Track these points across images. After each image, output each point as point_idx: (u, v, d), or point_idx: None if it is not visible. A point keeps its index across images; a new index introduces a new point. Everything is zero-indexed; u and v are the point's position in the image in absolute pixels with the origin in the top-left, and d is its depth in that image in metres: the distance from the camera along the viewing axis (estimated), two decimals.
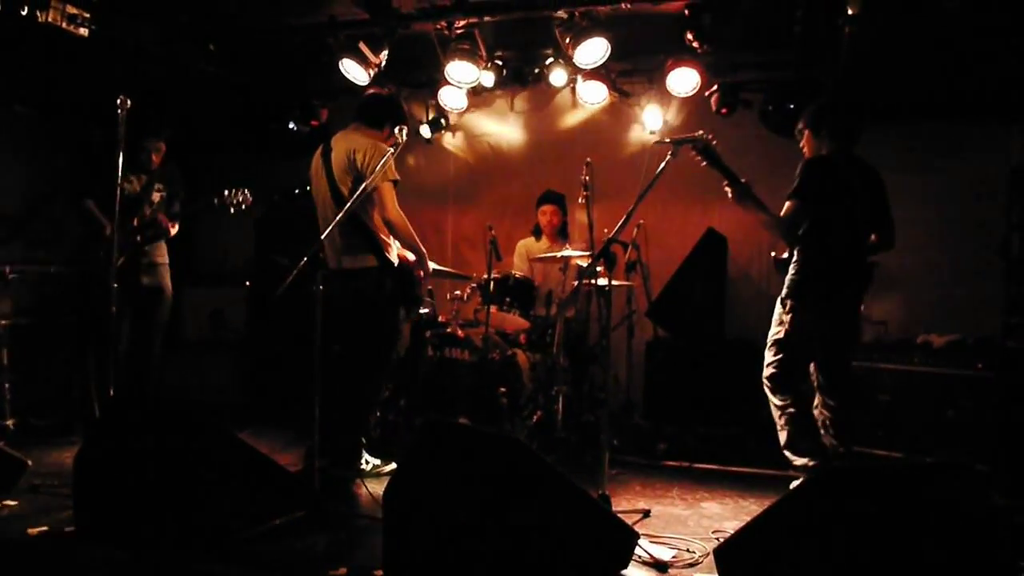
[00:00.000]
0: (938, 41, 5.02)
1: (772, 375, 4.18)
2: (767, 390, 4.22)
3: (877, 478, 2.55)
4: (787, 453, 4.17)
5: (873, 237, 4.22)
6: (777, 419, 4.20)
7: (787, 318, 4.12)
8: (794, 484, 4.00)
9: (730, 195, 4.15)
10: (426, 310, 5.49)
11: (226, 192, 5.15)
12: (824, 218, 4.05)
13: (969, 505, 2.39)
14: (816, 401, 4.22)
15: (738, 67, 5.98)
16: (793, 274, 4.14)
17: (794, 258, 4.17)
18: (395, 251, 4.45)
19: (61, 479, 3.99)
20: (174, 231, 5.36)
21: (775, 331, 4.20)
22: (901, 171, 5.56)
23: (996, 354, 4.65)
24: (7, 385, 5.49)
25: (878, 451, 4.78)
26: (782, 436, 4.17)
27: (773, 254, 4.48)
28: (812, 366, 4.21)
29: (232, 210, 5.15)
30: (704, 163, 4.09)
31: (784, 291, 4.18)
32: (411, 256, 4.53)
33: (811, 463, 4.05)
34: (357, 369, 4.42)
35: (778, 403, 4.17)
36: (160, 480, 3.21)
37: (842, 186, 4.07)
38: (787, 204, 4.06)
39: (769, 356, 4.21)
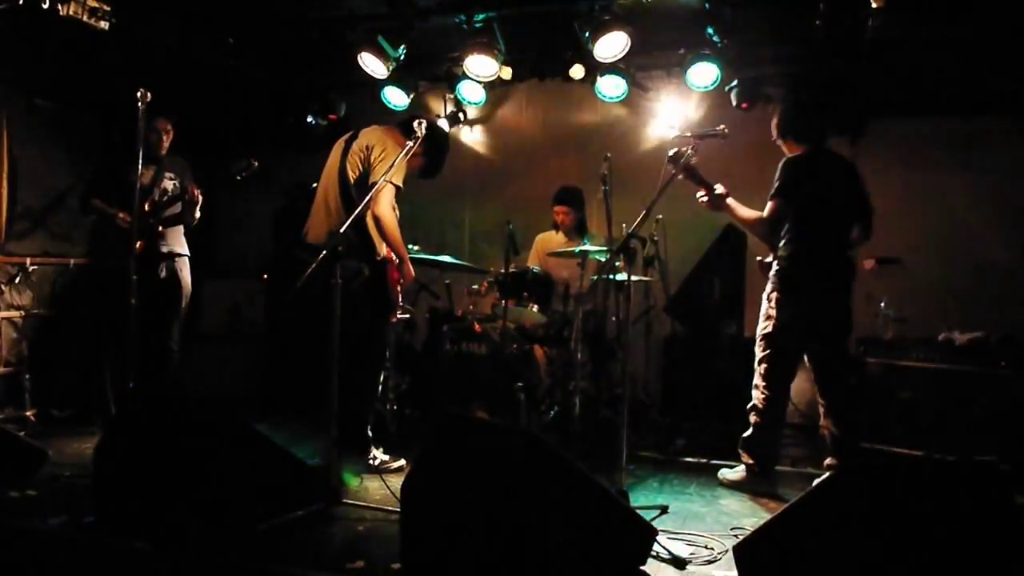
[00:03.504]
0: (963, 34, 4.96)
1: (764, 371, 4.27)
2: (754, 387, 4.31)
3: (898, 476, 2.53)
4: (740, 450, 4.33)
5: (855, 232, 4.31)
6: (749, 414, 4.31)
7: (773, 312, 4.22)
8: (816, 481, 3.98)
9: (705, 202, 4.31)
10: (406, 316, 5.43)
11: (233, 162, 5.09)
12: (801, 214, 4.16)
13: (991, 504, 2.36)
14: (818, 399, 4.30)
15: (759, 61, 5.93)
16: (775, 269, 4.26)
17: (776, 255, 4.27)
18: (383, 251, 4.43)
19: (81, 470, 4.02)
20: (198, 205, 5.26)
21: (763, 326, 4.30)
22: (924, 168, 5.55)
23: (1019, 352, 4.61)
24: (27, 376, 5.55)
25: (899, 449, 4.75)
26: (746, 432, 4.32)
27: (758, 258, 4.53)
28: (805, 359, 4.29)
29: (239, 177, 5.09)
30: (683, 176, 4.12)
31: (768, 286, 4.30)
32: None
33: (751, 465, 4.26)
34: (347, 358, 4.37)
35: (760, 401, 4.25)
36: (179, 472, 3.22)
37: (817, 182, 4.17)
38: (769, 204, 4.19)
39: (759, 352, 4.31)
